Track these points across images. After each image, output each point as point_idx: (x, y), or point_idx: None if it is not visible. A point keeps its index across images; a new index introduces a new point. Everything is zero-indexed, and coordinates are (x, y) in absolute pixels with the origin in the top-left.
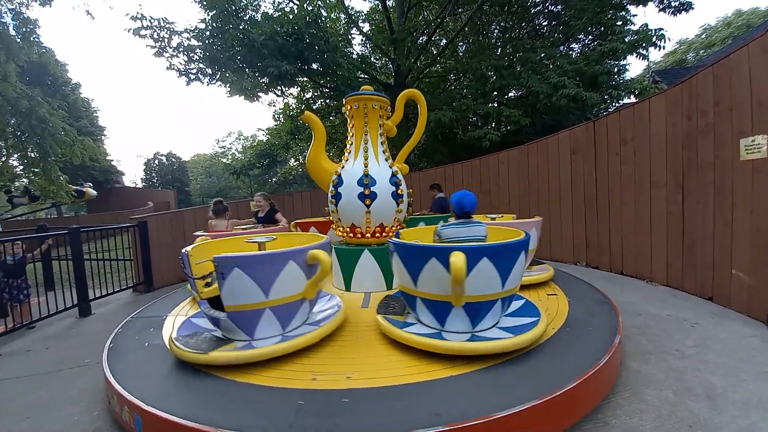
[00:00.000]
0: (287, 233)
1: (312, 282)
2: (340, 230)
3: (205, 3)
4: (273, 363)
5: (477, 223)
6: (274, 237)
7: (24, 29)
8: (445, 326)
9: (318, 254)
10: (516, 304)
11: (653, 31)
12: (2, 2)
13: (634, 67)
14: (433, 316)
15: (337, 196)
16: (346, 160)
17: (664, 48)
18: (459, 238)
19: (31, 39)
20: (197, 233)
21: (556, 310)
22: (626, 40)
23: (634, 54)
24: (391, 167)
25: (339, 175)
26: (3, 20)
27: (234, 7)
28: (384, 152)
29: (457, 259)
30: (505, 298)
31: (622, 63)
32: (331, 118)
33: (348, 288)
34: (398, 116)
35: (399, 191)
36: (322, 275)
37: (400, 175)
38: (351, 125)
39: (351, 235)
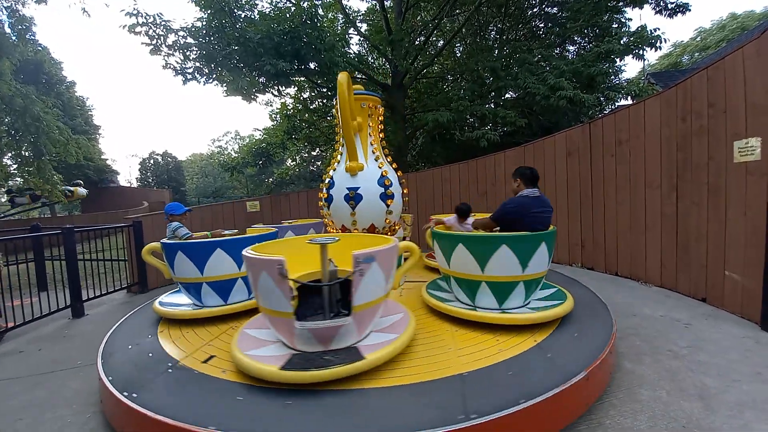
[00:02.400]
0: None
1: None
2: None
3: (202, 3)
4: None
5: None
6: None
7: (19, 27)
8: None
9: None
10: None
11: (650, 32)
12: None
13: (630, 68)
14: None
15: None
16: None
17: (660, 48)
18: None
19: (27, 37)
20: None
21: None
22: (622, 41)
23: (631, 55)
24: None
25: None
26: None
27: (230, 7)
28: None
29: None
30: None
31: (618, 64)
32: (329, 118)
33: None
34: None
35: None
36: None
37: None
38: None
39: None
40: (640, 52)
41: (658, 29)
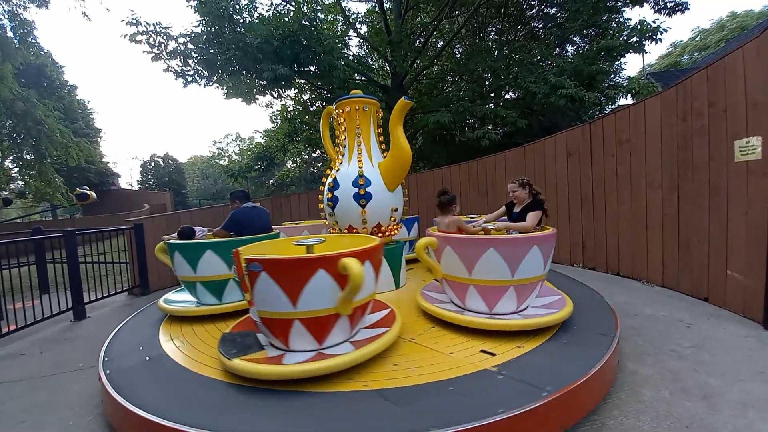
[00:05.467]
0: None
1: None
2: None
3: (200, 9)
4: None
5: None
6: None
7: (21, 31)
8: None
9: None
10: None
11: (649, 25)
12: None
13: (630, 68)
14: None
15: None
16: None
17: (661, 41)
18: None
19: (28, 41)
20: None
21: None
22: (621, 39)
23: (632, 50)
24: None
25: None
26: (0, 22)
27: (229, 12)
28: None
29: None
30: None
31: (618, 62)
32: (330, 119)
33: None
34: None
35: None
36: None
37: None
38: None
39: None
40: (641, 44)
41: (657, 21)
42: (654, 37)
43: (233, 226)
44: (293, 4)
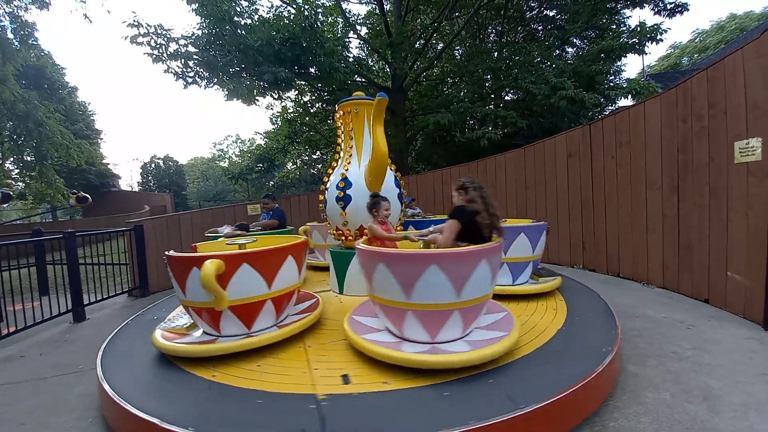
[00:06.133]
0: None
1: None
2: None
3: (201, 11)
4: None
5: None
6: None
7: (22, 32)
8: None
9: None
10: None
11: (649, 28)
12: None
13: (630, 70)
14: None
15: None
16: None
17: (662, 41)
18: None
19: (29, 42)
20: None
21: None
22: (621, 39)
23: (632, 51)
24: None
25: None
26: (0, 23)
27: (230, 15)
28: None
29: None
30: None
31: (617, 64)
32: (329, 121)
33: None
34: None
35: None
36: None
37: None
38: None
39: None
40: (641, 46)
41: (659, 24)
42: (654, 38)
43: (281, 218)
44: (294, 6)
